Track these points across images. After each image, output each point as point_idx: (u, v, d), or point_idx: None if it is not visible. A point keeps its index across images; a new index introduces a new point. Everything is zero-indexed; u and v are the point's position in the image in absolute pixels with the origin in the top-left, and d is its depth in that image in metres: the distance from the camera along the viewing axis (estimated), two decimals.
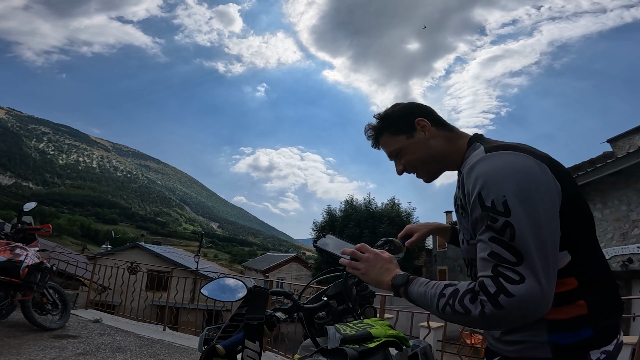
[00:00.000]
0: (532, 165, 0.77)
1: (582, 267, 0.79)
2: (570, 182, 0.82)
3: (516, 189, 0.73)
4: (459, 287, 0.76)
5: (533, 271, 0.68)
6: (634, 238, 7.90)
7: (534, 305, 0.67)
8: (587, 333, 0.77)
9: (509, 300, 0.67)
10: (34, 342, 3.61)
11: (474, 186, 0.78)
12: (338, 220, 21.22)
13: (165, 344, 4.36)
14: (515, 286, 0.67)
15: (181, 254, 28.34)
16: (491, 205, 0.74)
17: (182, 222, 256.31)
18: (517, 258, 0.69)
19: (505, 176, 0.75)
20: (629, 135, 10.61)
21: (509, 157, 0.79)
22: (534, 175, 0.75)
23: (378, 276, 0.94)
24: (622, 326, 0.92)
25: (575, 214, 0.80)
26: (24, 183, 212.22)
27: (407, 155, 1.02)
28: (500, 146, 0.83)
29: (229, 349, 0.89)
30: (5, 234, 3.85)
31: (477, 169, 0.80)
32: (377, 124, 1.06)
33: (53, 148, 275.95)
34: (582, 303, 0.78)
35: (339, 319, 1.15)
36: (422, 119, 0.99)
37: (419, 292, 0.84)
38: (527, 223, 0.70)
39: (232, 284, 1.03)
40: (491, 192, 0.75)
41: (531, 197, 0.72)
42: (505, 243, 0.71)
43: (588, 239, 0.83)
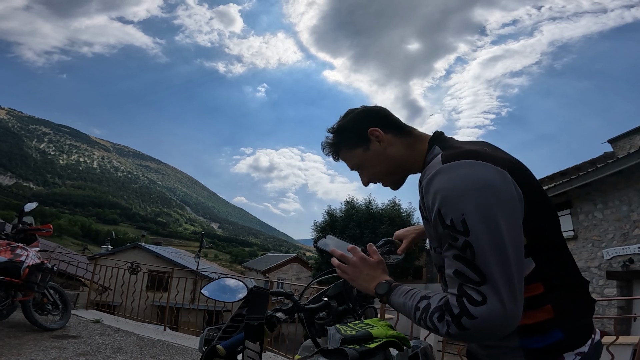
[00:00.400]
0: (492, 177, 0.72)
1: (547, 272, 0.78)
2: (533, 186, 0.79)
3: (475, 207, 0.70)
4: (431, 301, 0.76)
5: (495, 291, 0.67)
6: (635, 238, 7.89)
7: (497, 326, 0.67)
8: (557, 336, 0.76)
9: (471, 322, 0.68)
10: (35, 342, 3.61)
11: (433, 202, 0.76)
12: (338, 220, 21.19)
13: (165, 345, 4.36)
14: (477, 308, 0.67)
15: (182, 255, 28.35)
16: (450, 224, 0.72)
17: (182, 222, 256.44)
18: (480, 278, 0.68)
19: (463, 192, 0.71)
20: (630, 135, 10.60)
21: (466, 168, 0.74)
22: (494, 188, 0.71)
23: (364, 282, 0.94)
24: (625, 327, 0.91)
25: (539, 218, 0.78)
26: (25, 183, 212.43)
27: (367, 168, 0.99)
28: (458, 154, 0.78)
29: (230, 349, 0.89)
30: (6, 235, 3.85)
31: (434, 184, 0.76)
32: (333, 139, 1.02)
33: (54, 148, 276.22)
34: (548, 307, 0.77)
35: (339, 319, 1.15)
36: (375, 129, 0.95)
37: (399, 302, 0.86)
38: (487, 242, 0.68)
39: (233, 284, 1.03)
40: (450, 210, 0.72)
41: (491, 214, 0.69)
42: (468, 262, 0.70)
43: (553, 242, 0.81)
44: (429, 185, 0.78)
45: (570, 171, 11.20)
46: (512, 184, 0.74)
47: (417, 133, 0.98)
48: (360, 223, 20.15)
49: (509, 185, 0.73)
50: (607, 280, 8.34)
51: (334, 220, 21.48)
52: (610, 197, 8.49)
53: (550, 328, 0.77)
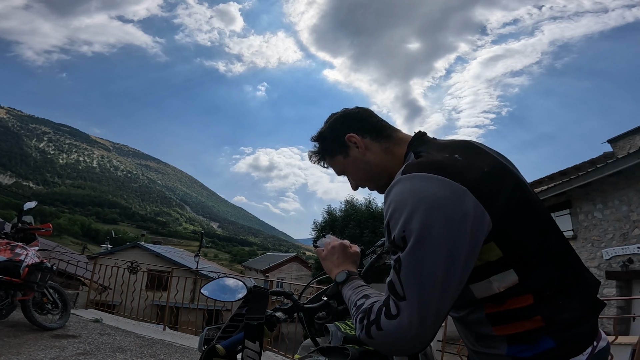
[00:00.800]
0: (443, 194, 0.69)
1: (536, 282, 0.74)
2: (512, 197, 0.75)
3: (417, 225, 0.68)
4: (365, 302, 0.78)
5: (409, 311, 0.67)
6: (634, 238, 7.89)
7: (398, 344, 0.68)
8: (548, 344, 0.72)
9: (377, 333, 0.70)
10: (34, 341, 3.61)
11: (385, 212, 0.76)
12: (338, 220, 21.22)
13: (165, 344, 4.36)
14: (388, 321, 0.69)
15: (181, 254, 28.35)
16: (393, 238, 0.72)
17: (182, 221, 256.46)
18: (403, 293, 0.69)
19: (410, 209, 0.70)
20: (630, 135, 10.60)
21: (421, 182, 0.72)
22: (441, 208, 0.68)
23: (331, 265, 0.99)
24: (620, 328, 0.89)
25: (519, 229, 0.75)
26: (25, 182, 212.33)
27: (350, 174, 0.99)
28: (417, 165, 0.76)
29: (229, 349, 0.89)
30: (5, 234, 3.85)
31: (391, 193, 0.76)
32: (316, 148, 1.03)
33: (53, 148, 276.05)
34: (538, 318, 0.73)
35: (339, 318, 1.15)
36: (352, 135, 0.94)
37: (347, 295, 0.88)
38: (416, 263, 0.68)
39: (232, 284, 1.03)
40: (396, 224, 0.72)
41: (431, 236, 0.67)
42: (398, 276, 0.70)
43: (542, 250, 0.76)
44: (386, 195, 0.77)
45: (570, 171, 11.20)
46: (472, 203, 0.69)
47: (397, 136, 0.95)
48: (360, 223, 20.17)
49: (464, 207, 0.69)
50: (607, 280, 8.35)
51: (333, 219, 21.50)
52: (610, 197, 8.49)
53: (539, 336, 0.73)
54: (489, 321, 0.77)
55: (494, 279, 0.75)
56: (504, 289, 0.74)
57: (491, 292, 0.75)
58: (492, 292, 0.75)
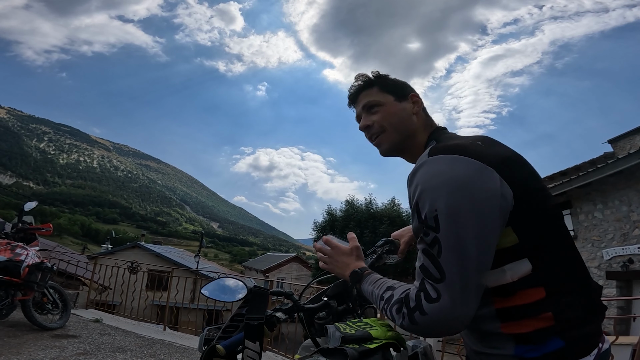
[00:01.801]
0: (471, 174, 0.71)
1: (549, 275, 0.74)
2: (530, 183, 0.77)
3: (447, 204, 0.70)
4: (394, 293, 0.78)
5: (450, 291, 0.68)
6: (635, 238, 7.89)
7: (444, 324, 0.70)
8: (556, 344, 0.71)
9: (422, 318, 0.70)
10: (34, 341, 3.61)
11: (413, 195, 0.77)
12: (338, 220, 21.19)
13: (165, 344, 4.36)
14: (430, 304, 0.70)
15: (181, 254, 28.35)
16: (424, 218, 0.73)
17: (182, 221, 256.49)
18: (440, 275, 0.70)
19: (439, 187, 0.72)
20: (630, 135, 10.61)
21: (447, 163, 0.74)
22: (469, 187, 0.70)
23: (340, 270, 0.99)
24: (619, 328, 0.89)
25: (535, 217, 0.75)
26: (25, 182, 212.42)
27: (384, 113, 0.96)
28: (444, 148, 0.78)
29: (229, 349, 0.89)
30: (5, 234, 3.85)
31: (417, 175, 0.77)
32: (372, 76, 1.01)
33: (54, 148, 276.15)
34: (549, 315, 0.72)
35: (339, 319, 1.15)
36: (417, 96, 0.98)
37: (367, 291, 0.89)
38: (453, 241, 0.69)
39: (232, 284, 1.03)
40: (425, 204, 0.73)
41: (461, 214, 0.69)
42: (433, 258, 0.71)
43: (555, 244, 0.77)
44: (412, 177, 0.79)
45: (571, 171, 11.19)
46: (498, 181, 0.71)
47: (432, 121, 1.00)
48: (360, 223, 20.14)
49: (491, 184, 0.71)
50: (607, 280, 8.35)
51: (333, 219, 21.47)
52: (610, 198, 8.49)
53: (548, 336, 0.72)
54: (498, 317, 0.76)
55: (508, 267, 0.74)
56: (517, 279, 0.74)
57: (503, 282, 0.75)
58: (504, 281, 0.75)
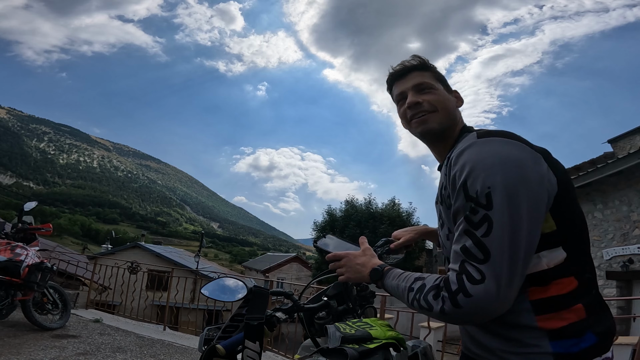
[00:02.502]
0: (525, 156, 0.73)
1: (579, 265, 0.75)
2: (566, 176, 0.79)
3: (503, 181, 0.69)
4: (426, 281, 0.77)
5: (496, 272, 0.66)
6: (635, 238, 7.89)
7: (489, 308, 0.67)
8: (591, 339, 0.71)
9: (466, 300, 0.67)
10: (34, 341, 3.61)
11: (460, 173, 0.74)
12: (338, 220, 21.19)
13: (165, 344, 4.36)
14: (474, 286, 0.67)
15: (181, 254, 28.34)
16: (475, 195, 0.70)
17: (182, 222, 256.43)
18: (485, 256, 0.67)
19: (493, 165, 0.70)
20: (630, 135, 10.60)
21: (501, 144, 0.74)
22: (524, 167, 0.71)
23: (358, 274, 0.97)
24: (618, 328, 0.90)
25: (570, 207, 0.77)
26: (25, 183, 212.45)
27: (438, 95, 0.96)
28: (493, 132, 0.80)
29: (229, 349, 0.89)
30: (5, 234, 3.85)
31: (465, 154, 0.75)
32: (426, 61, 1.01)
33: (54, 148, 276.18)
34: (579, 307, 0.72)
35: (339, 319, 1.15)
36: (459, 93, 1.02)
37: (392, 285, 0.87)
38: (506, 220, 0.67)
39: (232, 284, 1.03)
40: (477, 181, 0.71)
41: (516, 193, 0.68)
42: (477, 238, 0.69)
43: (581, 235, 0.79)
44: (458, 157, 0.77)
45: (570, 171, 11.19)
46: (546, 167, 0.74)
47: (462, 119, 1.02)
48: (360, 223, 20.15)
49: (541, 168, 0.73)
50: (607, 280, 8.35)
51: (333, 219, 21.48)
52: (610, 198, 8.49)
53: (584, 330, 0.71)
54: (533, 310, 0.74)
55: (544, 254, 0.74)
56: (552, 266, 0.74)
57: (539, 268, 0.74)
58: (540, 268, 0.74)
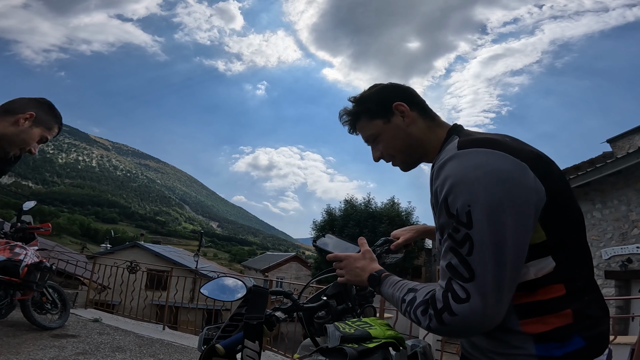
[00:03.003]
0: (509, 168, 0.69)
1: (569, 272, 0.74)
2: (559, 182, 0.75)
3: (483, 199, 0.67)
4: (417, 294, 0.77)
5: (481, 291, 0.66)
6: (634, 238, 7.91)
7: (475, 325, 0.68)
8: (578, 343, 0.71)
9: (451, 319, 0.68)
10: (34, 341, 3.60)
11: (441, 188, 0.73)
12: (338, 219, 21.20)
13: (164, 344, 4.36)
14: (459, 305, 0.67)
15: (181, 253, 28.34)
16: (455, 213, 0.69)
17: (181, 221, 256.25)
18: (470, 274, 0.67)
19: (474, 182, 0.68)
20: (629, 135, 10.62)
21: (483, 156, 0.71)
22: (508, 181, 0.68)
23: (357, 277, 0.97)
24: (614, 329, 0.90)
25: (563, 215, 0.74)
26: (24, 182, 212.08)
27: (384, 141, 0.95)
28: (476, 141, 0.75)
29: (229, 348, 0.90)
30: (4, 233, 3.84)
31: (446, 168, 0.73)
32: (353, 107, 0.99)
33: (52, 147, 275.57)
34: (568, 312, 0.72)
35: (338, 318, 1.15)
36: (401, 104, 0.92)
37: (387, 293, 0.87)
38: (488, 239, 0.66)
39: (232, 283, 1.03)
40: (457, 199, 0.69)
41: (499, 209, 0.66)
42: (461, 257, 0.68)
43: (576, 242, 0.77)
44: (440, 170, 0.75)
45: (570, 171, 11.20)
46: (532, 177, 0.69)
47: (439, 119, 0.96)
48: (360, 222, 20.15)
49: (527, 179, 0.69)
50: (606, 280, 8.36)
51: (333, 219, 21.48)
52: (609, 197, 8.50)
53: (570, 335, 0.71)
54: (516, 313, 0.74)
55: (532, 264, 0.73)
56: (540, 276, 0.73)
57: (527, 278, 0.73)
58: (528, 277, 0.73)
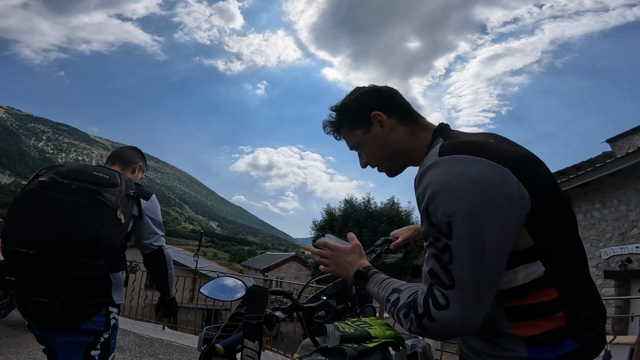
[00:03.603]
0: (490, 175, 0.67)
1: (561, 276, 0.73)
2: (546, 185, 0.74)
3: (464, 209, 0.66)
4: (401, 296, 0.77)
5: (461, 299, 0.67)
6: (633, 238, 7.91)
7: (453, 330, 0.69)
8: (571, 345, 0.71)
9: (430, 324, 0.69)
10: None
11: (422, 197, 0.72)
12: (337, 219, 21.20)
13: (164, 343, 4.36)
14: (439, 311, 0.68)
15: (180, 253, 28.33)
16: (436, 223, 0.69)
17: (181, 221, 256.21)
18: (450, 282, 0.68)
19: (453, 191, 0.67)
20: (629, 135, 10.62)
21: (465, 163, 0.69)
22: (489, 189, 0.66)
23: (343, 271, 0.96)
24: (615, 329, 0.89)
25: (550, 217, 0.73)
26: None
27: (366, 151, 0.96)
28: (458, 145, 0.73)
29: (229, 348, 0.89)
30: None
31: (427, 176, 0.72)
32: (335, 117, 0.99)
33: (52, 147, 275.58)
34: (560, 315, 0.72)
35: (338, 318, 1.15)
36: (378, 113, 0.91)
37: (373, 292, 0.87)
38: (467, 250, 0.66)
39: (231, 283, 1.03)
40: (438, 208, 0.69)
41: (478, 219, 0.66)
42: (443, 264, 0.69)
43: (567, 244, 0.76)
44: (421, 178, 0.74)
45: (569, 171, 11.21)
46: (515, 183, 0.68)
47: (423, 122, 0.94)
48: (359, 222, 20.15)
49: (508, 186, 0.67)
50: (605, 279, 8.37)
51: (332, 219, 21.49)
52: (609, 197, 8.51)
53: (562, 337, 0.71)
54: (507, 317, 0.74)
55: (520, 269, 0.72)
56: (529, 281, 0.72)
57: (515, 284, 0.73)
58: (516, 283, 0.73)
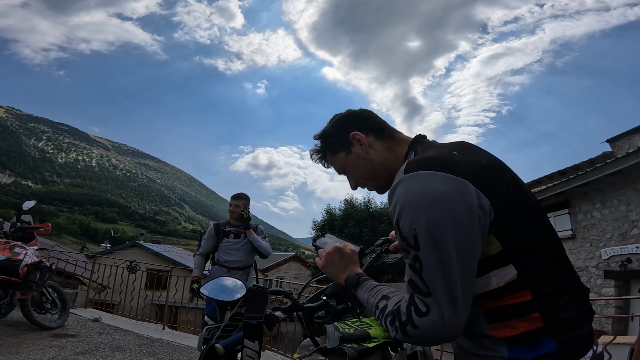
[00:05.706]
0: (449, 189, 0.72)
1: (535, 278, 0.76)
2: (509, 190, 0.77)
3: (426, 222, 0.71)
4: (389, 303, 0.81)
5: (438, 304, 0.71)
6: (633, 238, 7.92)
7: (436, 336, 0.72)
8: (550, 346, 0.73)
9: (414, 331, 0.73)
10: (33, 341, 3.60)
11: (393, 212, 0.78)
12: (337, 219, 21.18)
13: (164, 343, 4.36)
14: (420, 318, 0.72)
15: (180, 253, 28.32)
16: (405, 236, 0.75)
17: (181, 220, 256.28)
18: (427, 290, 0.72)
19: (417, 206, 0.73)
20: (629, 135, 10.64)
21: (425, 180, 0.74)
22: (448, 203, 0.71)
23: (335, 271, 0.99)
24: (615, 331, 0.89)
25: (518, 222, 0.76)
26: (23, 182, 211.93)
27: (352, 171, 1.02)
28: (420, 162, 0.78)
29: (229, 348, 0.90)
30: (4, 233, 3.84)
31: (396, 193, 0.78)
32: (319, 145, 1.06)
33: (52, 147, 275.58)
34: (536, 316, 0.74)
35: (338, 318, 1.15)
36: (356, 133, 0.98)
37: (363, 298, 0.91)
38: (434, 258, 0.71)
39: (232, 283, 1.03)
40: (405, 223, 0.74)
41: (440, 231, 0.71)
42: (418, 274, 0.74)
43: (540, 246, 0.78)
44: (391, 194, 0.80)
45: (569, 171, 11.23)
46: (474, 193, 0.72)
47: (398, 136, 1.00)
48: (360, 222, 20.15)
49: (467, 197, 0.72)
50: (605, 279, 8.38)
51: (333, 219, 21.47)
52: (609, 197, 8.51)
53: (539, 338, 0.73)
54: (485, 318, 0.78)
55: (493, 274, 0.76)
56: (503, 284, 0.76)
57: (490, 288, 0.77)
58: (490, 287, 0.77)
